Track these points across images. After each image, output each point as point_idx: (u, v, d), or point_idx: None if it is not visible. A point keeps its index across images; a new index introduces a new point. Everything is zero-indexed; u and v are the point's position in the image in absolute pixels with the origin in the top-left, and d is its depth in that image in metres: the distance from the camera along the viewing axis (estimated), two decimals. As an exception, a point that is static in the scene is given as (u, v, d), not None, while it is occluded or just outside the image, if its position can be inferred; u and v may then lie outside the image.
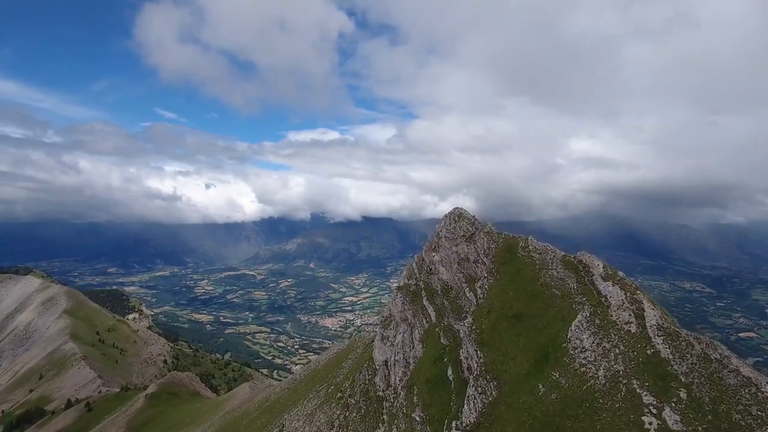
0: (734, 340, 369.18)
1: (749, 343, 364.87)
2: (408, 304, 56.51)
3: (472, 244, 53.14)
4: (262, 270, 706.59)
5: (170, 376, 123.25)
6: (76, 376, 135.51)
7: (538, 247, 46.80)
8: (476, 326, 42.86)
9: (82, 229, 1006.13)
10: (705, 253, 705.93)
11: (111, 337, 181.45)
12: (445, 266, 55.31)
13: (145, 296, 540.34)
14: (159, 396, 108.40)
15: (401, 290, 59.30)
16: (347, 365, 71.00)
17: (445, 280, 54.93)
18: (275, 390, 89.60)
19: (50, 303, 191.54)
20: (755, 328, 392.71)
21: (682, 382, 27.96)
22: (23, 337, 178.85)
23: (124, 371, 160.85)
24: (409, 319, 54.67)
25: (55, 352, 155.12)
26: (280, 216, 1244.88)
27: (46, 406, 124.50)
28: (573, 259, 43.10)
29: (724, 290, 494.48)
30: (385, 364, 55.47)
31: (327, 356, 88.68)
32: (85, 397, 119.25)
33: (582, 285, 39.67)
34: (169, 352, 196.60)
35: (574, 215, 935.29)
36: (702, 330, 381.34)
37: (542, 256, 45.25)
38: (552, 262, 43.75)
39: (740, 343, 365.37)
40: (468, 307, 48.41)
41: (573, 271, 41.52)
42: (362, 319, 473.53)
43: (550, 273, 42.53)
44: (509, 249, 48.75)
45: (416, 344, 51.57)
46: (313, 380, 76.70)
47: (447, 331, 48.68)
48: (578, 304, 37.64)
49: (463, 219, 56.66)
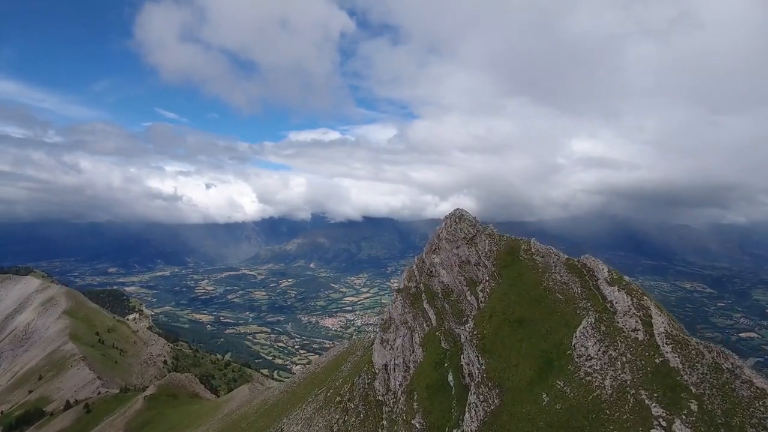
0: (735, 340, 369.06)
1: (750, 344, 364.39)
2: (408, 307, 55.44)
3: (473, 246, 52.04)
4: (263, 270, 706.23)
5: (169, 378, 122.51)
6: (75, 377, 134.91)
7: (540, 250, 45.56)
8: (478, 331, 41.85)
9: (83, 229, 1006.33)
10: (706, 253, 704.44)
11: (111, 338, 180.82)
12: (445, 269, 54.25)
13: (146, 296, 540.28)
14: (158, 398, 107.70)
15: (401, 293, 58.27)
16: (346, 368, 70.24)
17: (445, 282, 53.92)
18: (274, 393, 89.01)
19: (50, 303, 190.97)
20: (756, 329, 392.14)
21: (693, 393, 26.86)
22: (23, 338, 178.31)
23: (124, 372, 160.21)
24: (409, 322, 53.71)
25: (54, 353, 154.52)
26: (280, 216, 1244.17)
27: (45, 407, 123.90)
28: (577, 263, 41.97)
29: (725, 290, 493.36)
30: (384, 368, 54.60)
31: (326, 358, 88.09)
32: (84, 398, 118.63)
33: (587, 290, 38.55)
34: (169, 353, 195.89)
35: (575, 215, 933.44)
36: (702, 330, 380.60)
37: (545, 259, 44.08)
38: (555, 265, 42.66)
39: (741, 343, 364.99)
40: (469, 310, 47.43)
41: (577, 275, 40.45)
42: (363, 319, 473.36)
43: (553, 277, 41.46)
44: (511, 252, 47.70)
45: (416, 348, 50.67)
46: (312, 383, 76.08)
47: (448, 336, 47.64)
48: (583, 310, 36.58)
49: (464, 221, 55.40)
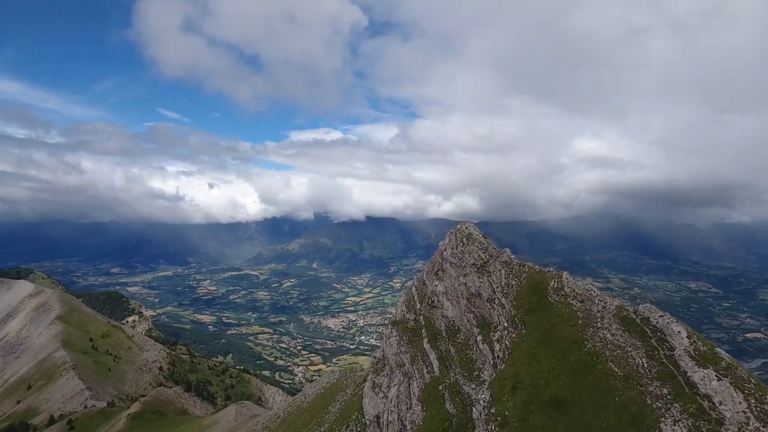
0: (741, 341, 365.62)
1: (756, 344, 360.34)
2: (405, 345, 46.27)
3: (484, 276, 42.24)
4: (265, 270, 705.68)
5: (156, 393, 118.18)
6: (64, 388, 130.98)
7: (578, 291, 33.75)
8: (497, 408, 30.35)
9: (86, 229, 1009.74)
10: (711, 252, 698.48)
11: (105, 344, 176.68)
12: (450, 300, 44.91)
13: (148, 296, 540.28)
14: (142, 416, 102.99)
15: (397, 326, 49.07)
16: (334, 409, 62.68)
17: (450, 318, 44.39)
18: (257, 426, 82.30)
19: (42, 309, 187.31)
20: (762, 329, 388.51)
21: None
22: (14, 344, 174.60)
23: (117, 380, 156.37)
24: (406, 365, 44.48)
25: (45, 361, 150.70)
26: (283, 216, 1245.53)
27: (33, 419, 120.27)
28: (635, 316, 29.56)
29: (731, 290, 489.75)
30: (376, 421, 46.08)
31: (314, 391, 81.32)
32: (71, 411, 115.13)
33: (658, 363, 26.21)
34: (165, 358, 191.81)
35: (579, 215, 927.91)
36: (708, 331, 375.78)
37: (586, 305, 32.22)
38: (602, 316, 30.81)
39: (747, 344, 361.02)
40: (482, 362, 37.38)
41: (637, 334, 28.52)
42: (365, 319, 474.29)
43: (601, 335, 29.63)
44: (536, 289, 36.91)
45: (414, 403, 41.16)
46: (297, 423, 69.44)
47: (454, 394, 37.41)
48: (656, 399, 24.44)
49: (473, 242, 45.57)
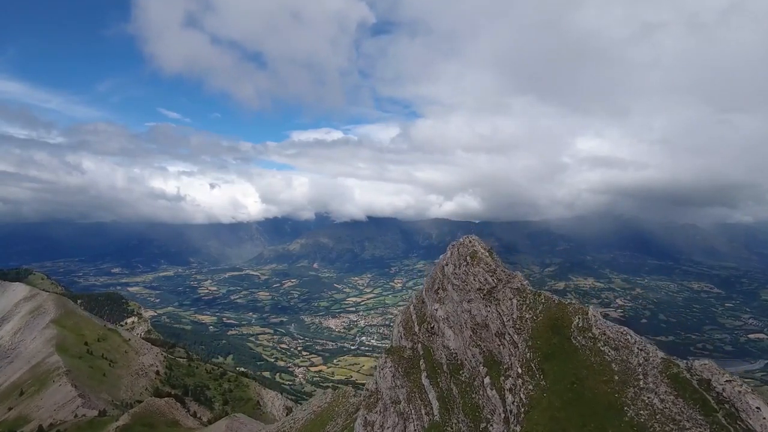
0: (744, 341, 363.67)
1: (759, 345, 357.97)
2: (401, 378, 40.19)
3: (492, 304, 35.83)
4: (266, 270, 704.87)
5: (146, 404, 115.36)
6: (56, 394, 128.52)
7: (609, 334, 25.95)
8: None
9: (87, 229, 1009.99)
10: (713, 253, 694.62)
11: (101, 348, 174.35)
12: (452, 328, 38.78)
13: (149, 297, 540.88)
14: (131, 429, 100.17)
15: (392, 355, 43.32)
16: None
17: (452, 349, 38.24)
18: None
19: (37, 312, 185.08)
20: (765, 330, 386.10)
21: None
22: (8, 349, 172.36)
23: (112, 385, 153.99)
24: (402, 403, 38.52)
25: (38, 366, 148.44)
26: (284, 216, 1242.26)
27: (23, 427, 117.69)
28: (689, 375, 22.57)
29: (733, 291, 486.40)
30: None
31: (304, 416, 77.24)
32: (62, 419, 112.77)
33: None
34: (162, 362, 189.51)
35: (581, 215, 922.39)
36: (710, 331, 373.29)
37: (621, 354, 24.38)
38: (645, 372, 23.13)
39: (750, 344, 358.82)
40: (489, 411, 30.90)
41: (697, 404, 21.98)
42: (366, 320, 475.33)
43: (645, 399, 22.32)
44: (556, 326, 29.60)
45: None
46: None
47: None
48: None
49: (479, 262, 38.35)
